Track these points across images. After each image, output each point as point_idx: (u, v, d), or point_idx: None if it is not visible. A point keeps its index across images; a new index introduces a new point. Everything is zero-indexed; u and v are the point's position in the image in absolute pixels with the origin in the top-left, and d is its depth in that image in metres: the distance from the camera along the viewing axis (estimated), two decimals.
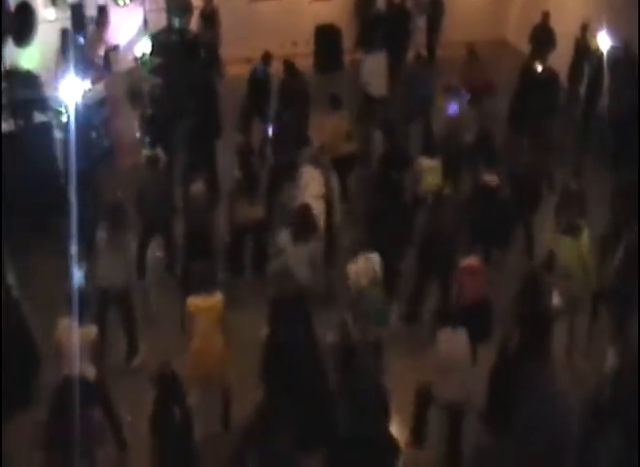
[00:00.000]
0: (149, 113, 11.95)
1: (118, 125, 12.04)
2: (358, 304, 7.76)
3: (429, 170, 9.99)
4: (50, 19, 13.56)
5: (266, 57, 12.33)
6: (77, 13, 13.23)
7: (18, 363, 8.14)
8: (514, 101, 13.17)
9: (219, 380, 7.60)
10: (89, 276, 8.87)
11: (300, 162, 9.96)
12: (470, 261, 8.06)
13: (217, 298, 7.53)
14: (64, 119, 11.12)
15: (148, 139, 11.52)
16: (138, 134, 12.16)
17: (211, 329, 7.46)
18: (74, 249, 10.37)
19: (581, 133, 13.31)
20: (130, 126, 12.16)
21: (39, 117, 10.83)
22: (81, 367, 7.11)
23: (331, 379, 7.77)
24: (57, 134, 11.15)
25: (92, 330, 7.34)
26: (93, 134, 11.85)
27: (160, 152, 10.53)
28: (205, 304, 7.47)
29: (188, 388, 7.11)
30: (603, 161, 12.18)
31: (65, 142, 11.09)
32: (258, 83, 12.37)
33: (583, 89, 13.69)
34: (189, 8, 14.50)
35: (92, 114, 11.75)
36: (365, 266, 7.98)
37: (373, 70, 12.91)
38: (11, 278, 9.15)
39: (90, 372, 7.25)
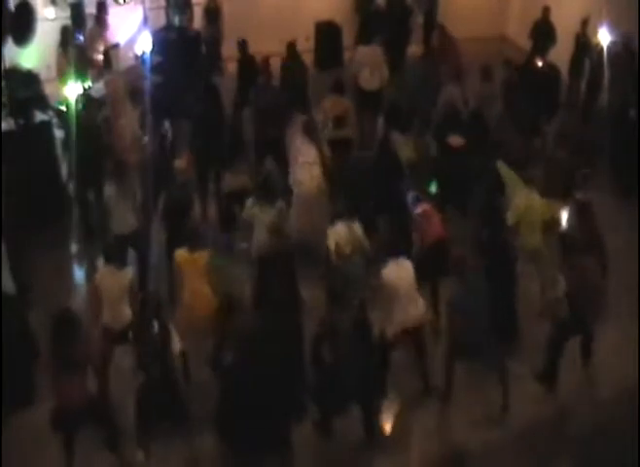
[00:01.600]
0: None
1: (118, 124, 12.03)
2: (337, 270, 8.40)
3: (403, 144, 10.53)
4: (49, 18, 13.63)
5: (242, 45, 12.72)
6: (76, 11, 13.28)
7: (19, 362, 8.16)
8: (513, 96, 13.11)
9: (209, 329, 7.92)
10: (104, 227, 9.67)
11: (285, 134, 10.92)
12: (423, 207, 8.88)
13: (203, 251, 8.02)
14: (64, 117, 11.16)
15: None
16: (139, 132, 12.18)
17: (198, 281, 7.92)
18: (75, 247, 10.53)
19: (581, 128, 13.35)
20: (131, 125, 12.15)
21: (39, 116, 10.83)
22: (119, 309, 7.72)
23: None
24: (58, 133, 11.18)
25: (129, 271, 7.94)
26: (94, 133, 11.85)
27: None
28: (191, 256, 7.96)
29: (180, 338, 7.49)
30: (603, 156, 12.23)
31: (66, 141, 11.17)
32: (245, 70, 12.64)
33: (583, 84, 13.71)
34: (188, 5, 14.52)
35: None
36: (347, 233, 8.55)
37: (365, 62, 12.90)
38: (10, 278, 9.19)
39: (127, 314, 7.74)
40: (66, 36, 12.13)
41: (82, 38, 12.87)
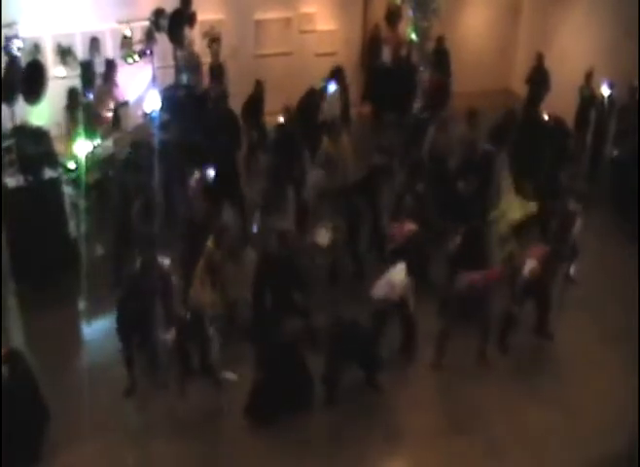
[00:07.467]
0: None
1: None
2: None
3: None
4: (60, 77, 13.81)
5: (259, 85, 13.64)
6: (86, 70, 13.47)
7: (28, 422, 8.08)
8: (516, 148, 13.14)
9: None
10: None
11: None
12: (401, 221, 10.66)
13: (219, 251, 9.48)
14: (74, 175, 11.24)
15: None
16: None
17: (204, 272, 9.39)
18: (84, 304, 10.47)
19: (588, 179, 13.41)
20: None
21: (48, 173, 10.90)
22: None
23: None
24: (67, 190, 11.23)
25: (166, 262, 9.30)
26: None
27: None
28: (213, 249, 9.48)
29: None
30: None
31: (75, 197, 11.24)
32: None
33: (589, 136, 13.80)
34: (197, 64, 14.71)
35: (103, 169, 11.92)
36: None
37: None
38: (20, 335, 9.15)
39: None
40: (73, 97, 12.28)
41: (91, 96, 13.03)
